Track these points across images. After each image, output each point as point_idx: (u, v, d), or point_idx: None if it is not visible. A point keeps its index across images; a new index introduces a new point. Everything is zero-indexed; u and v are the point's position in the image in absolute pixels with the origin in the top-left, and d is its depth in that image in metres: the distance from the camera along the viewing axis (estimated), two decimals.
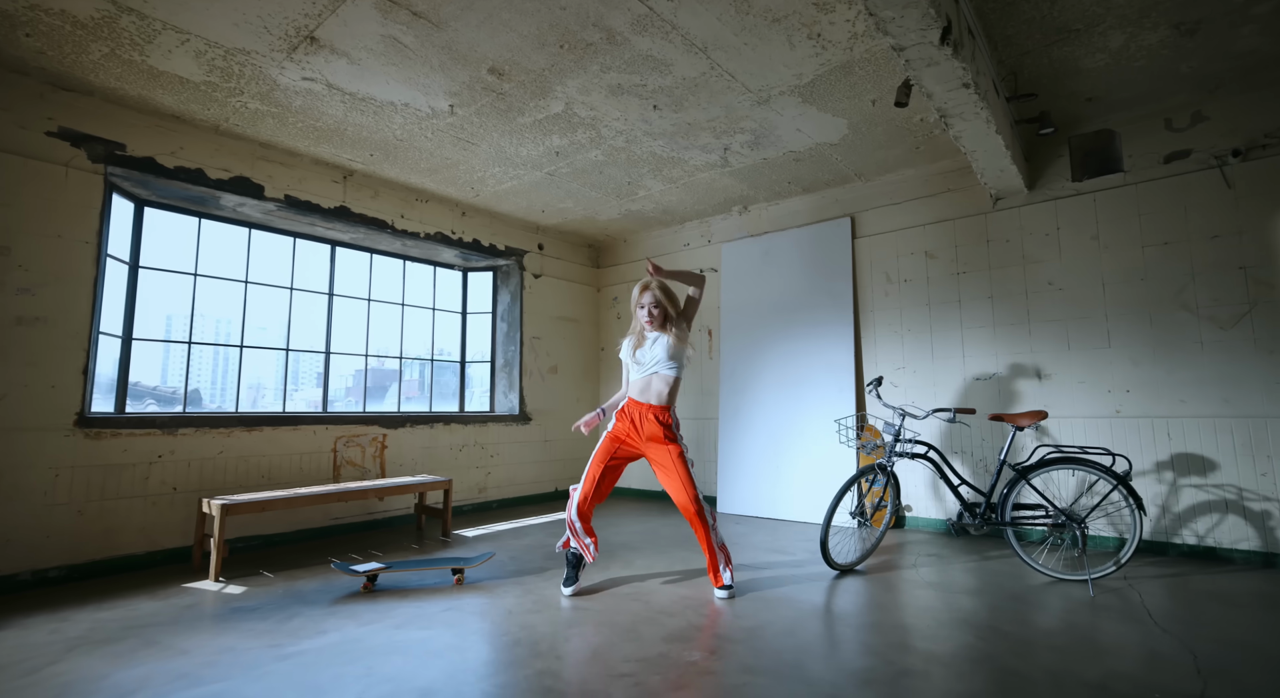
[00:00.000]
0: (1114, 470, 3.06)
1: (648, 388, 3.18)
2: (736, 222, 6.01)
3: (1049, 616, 2.73)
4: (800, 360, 5.35)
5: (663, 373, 3.17)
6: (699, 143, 4.47)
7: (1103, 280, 4.06)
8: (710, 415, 5.99)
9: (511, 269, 6.29)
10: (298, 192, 4.59)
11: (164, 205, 4.30)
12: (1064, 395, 4.14)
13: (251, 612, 2.86)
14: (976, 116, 3.24)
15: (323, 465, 4.60)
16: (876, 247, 5.12)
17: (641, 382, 3.20)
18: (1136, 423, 3.86)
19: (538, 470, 6.23)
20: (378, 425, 5.00)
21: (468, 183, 5.22)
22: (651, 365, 3.18)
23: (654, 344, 3.20)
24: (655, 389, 3.16)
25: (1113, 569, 3.09)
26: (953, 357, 4.65)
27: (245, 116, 3.97)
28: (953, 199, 4.76)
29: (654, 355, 3.17)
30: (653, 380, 3.17)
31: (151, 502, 3.72)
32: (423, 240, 5.46)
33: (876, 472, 3.45)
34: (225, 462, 4.06)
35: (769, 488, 5.33)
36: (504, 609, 2.88)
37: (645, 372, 3.19)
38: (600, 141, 4.44)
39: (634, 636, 2.53)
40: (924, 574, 3.40)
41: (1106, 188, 4.08)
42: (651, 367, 3.18)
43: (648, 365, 3.19)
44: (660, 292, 3.20)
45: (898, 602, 2.95)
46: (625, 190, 5.43)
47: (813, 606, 2.91)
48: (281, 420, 4.40)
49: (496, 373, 6.32)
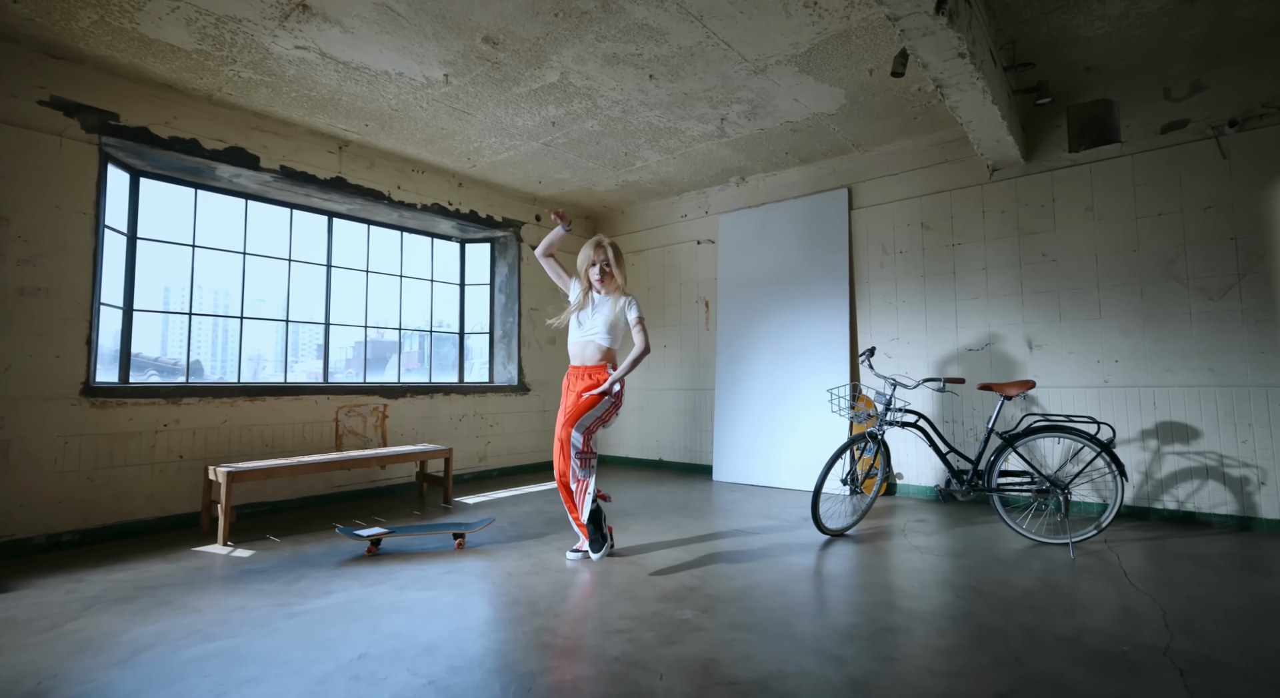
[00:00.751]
0: (1098, 438, 3.13)
1: (583, 352, 3.20)
2: (734, 193, 6.00)
3: (1029, 576, 2.83)
4: (796, 331, 5.40)
5: (599, 343, 3.18)
6: (695, 113, 4.45)
7: (1096, 252, 4.09)
8: (706, 386, 6.06)
9: (509, 241, 6.30)
10: (293, 162, 4.58)
11: (160, 176, 4.29)
12: (1054, 365, 4.20)
13: (260, 574, 2.97)
14: (972, 87, 3.23)
15: (325, 435, 4.68)
16: (873, 218, 5.13)
17: (578, 345, 3.22)
18: (1124, 392, 3.93)
19: (536, 440, 6.32)
20: (378, 396, 5.07)
21: (464, 153, 5.20)
22: (590, 332, 3.19)
23: (597, 311, 3.20)
24: (589, 354, 3.19)
25: (1094, 533, 3.19)
26: (947, 327, 4.70)
27: (238, 86, 3.95)
28: (949, 170, 4.76)
29: (595, 325, 3.18)
30: (587, 348, 3.19)
31: (159, 469, 3.81)
32: (419, 212, 5.46)
33: (867, 440, 3.53)
34: (229, 431, 4.14)
35: (763, 457, 5.44)
36: (504, 572, 2.99)
37: (584, 337, 3.20)
38: (596, 112, 4.41)
39: (629, 596, 2.63)
40: (912, 539, 3.51)
41: (1103, 159, 4.08)
42: (590, 333, 3.19)
43: (587, 330, 3.19)
44: (613, 251, 3.18)
45: (885, 564, 3.05)
46: (622, 161, 5.41)
47: (802, 568, 3.01)
48: (283, 391, 4.47)
49: (495, 344, 6.37)
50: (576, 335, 3.22)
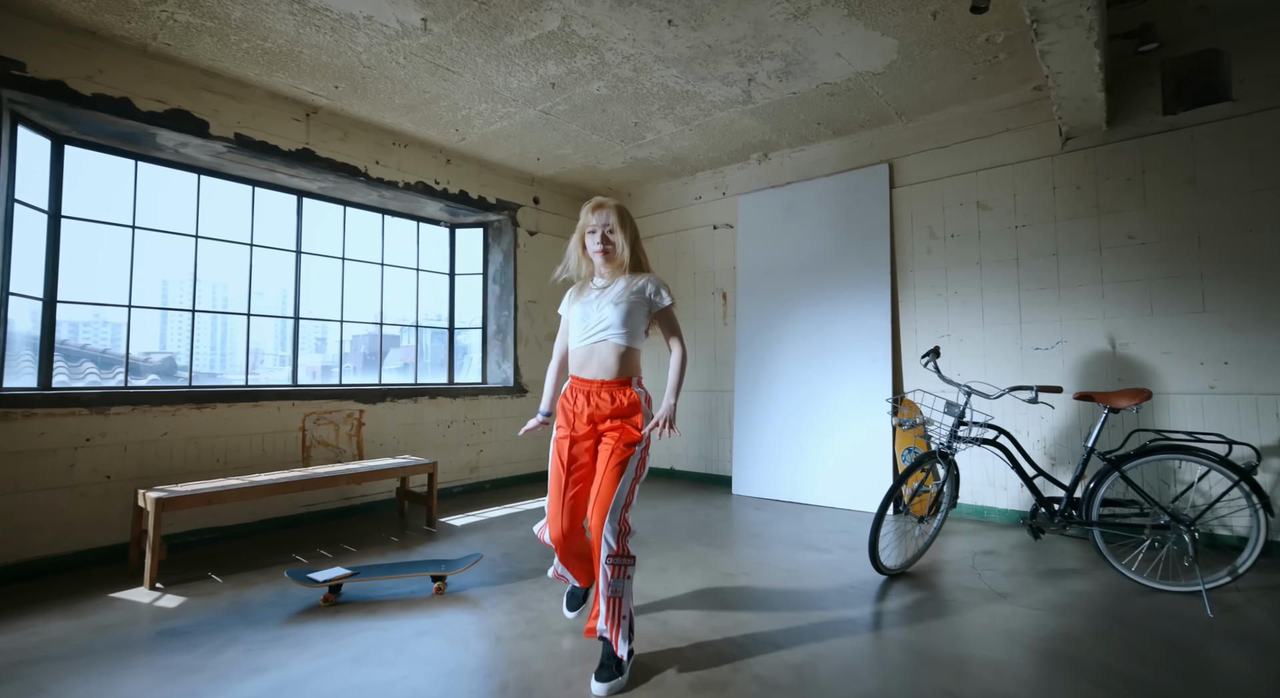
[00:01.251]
0: (1234, 462, 2.50)
1: (589, 360, 2.19)
2: (755, 171, 5.35)
3: (1171, 647, 2.20)
4: (828, 327, 4.76)
5: (614, 342, 2.17)
6: (719, 72, 3.79)
7: (1199, 233, 3.43)
8: (725, 387, 5.42)
9: (504, 225, 5.65)
10: (251, 130, 3.93)
11: (90, 144, 3.64)
12: (1143, 368, 3.56)
13: (181, 637, 2.33)
14: (1079, 21, 2.57)
15: (289, 446, 4.05)
16: (919, 197, 4.47)
17: (583, 352, 2.21)
18: (1236, 400, 3.29)
19: (535, 447, 5.69)
20: (353, 400, 4.43)
21: (450, 123, 4.54)
22: (599, 326, 2.18)
23: (602, 298, 2.21)
24: (602, 360, 2.17)
25: (1227, 580, 2.56)
26: (1008, 323, 4.05)
27: (176, 33, 3.29)
28: (1011, 140, 4.10)
29: (602, 317, 2.18)
30: (597, 350, 2.18)
31: (79, 493, 3.17)
32: (402, 191, 4.81)
33: (936, 460, 2.90)
34: (171, 445, 3.51)
35: (791, 469, 4.80)
36: (491, 634, 2.36)
37: (589, 337, 2.19)
38: (604, 70, 3.76)
39: (652, 677, 2.00)
40: (990, 582, 2.88)
41: (1208, 121, 3.42)
42: (599, 328, 2.18)
43: (592, 328, 2.19)
44: (617, 214, 2.22)
45: (972, 625, 2.42)
46: (631, 133, 4.75)
47: (867, 629, 2.38)
48: (239, 396, 3.83)
49: (489, 340, 5.73)
50: (579, 333, 2.22)
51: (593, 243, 2.23)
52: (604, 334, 2.17)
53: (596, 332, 2.18)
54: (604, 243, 2.22)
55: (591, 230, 2.23)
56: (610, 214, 2.22)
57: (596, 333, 2.18)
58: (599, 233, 2.22)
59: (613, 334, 2.17)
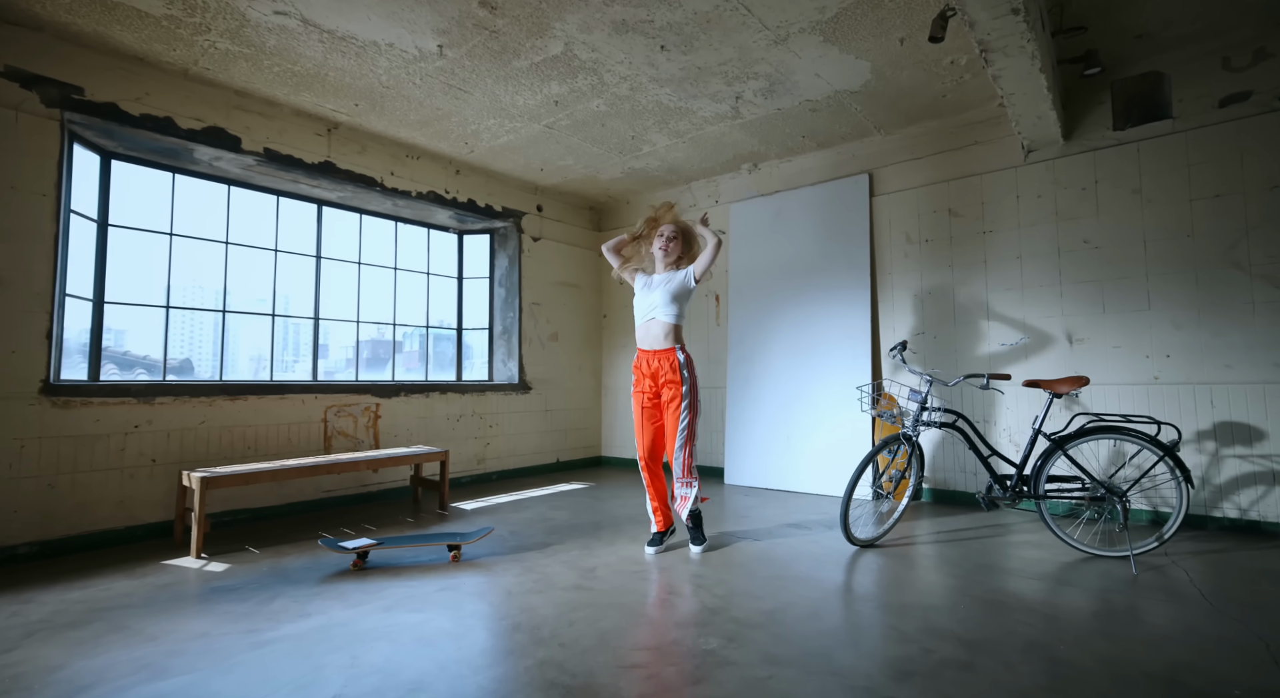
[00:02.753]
0: (1160, 441, 2.82)
1: (648, 333, 3.23)
2: (746, 180, 5.69)
3: (1093, 596, 2.52)
4: (813, 326, 5.09)
5: (661, 319, 3.19)
6: (709, 90, 4.14)
7: (1144, 237, 3.77)
8: (718, 384, 5.76)
9: (509, 232, 5.99)
10: (278, 144, 4.28)
11: (134, 159, 3.99)
12: (1097, 361, 3.89)
13: (232, 592, 2.66)
14: (1021, 51, 2.92)
15: (312, 436, 4.38)
16: (896, 205, 4.82)
17: (642, 327, 3.25)
18: (1176, 390, 3.62)
19: (539, 441, 6.02)
20: (370, 395, 4.77)
21: (461, 137, 4.89)
22: (650, 309, 3.22)
23: (655, 286, 3.24)
24: (654, 334, 3.20)
25: (1155, 545, 2.88)
26: (977, 321, 4.38)
27: (215, 59, 3.65)
28: (980, 152, 4.44)
29: (652, 300, 3.21)
30: (651, 326, 3.21)
31: (129, 474, 3.51)
32: (414, 200, 5.15)
33: (901, 442, 3.22)
34: (207, 432, 3.84)
35: (779, 459, 5.13)
36: (503, 589, 2.68)
37: (647, 313, 3.22)
38: (603, 89, 4.11)
39: (644, 619, 2.33)
40: (950, 550, 3.20)
41: (1152, 136, 3.77)
42: (650, 310, 3.22)
43: (647, 306, 3.23)
44: (678, 222, 3.32)
45: (925, 581, 2.74)
46: (629, 145, 5.10)
47: (834, 585, 2.71)
48: (267, 389, 4.17)
49: (495, 340, 6.07)
50: (641, 310, 3.27)
51: (658, 246, 3.29)
52: (654, 312, 3.21)
53: (651, 310, 3.22)
54: (665, 248, 3.28)
55: (660, 235, 3.29)
56: (673, 223, 3.34)
57: (650, 310, 3.22)
58: (665, 238, 3.28)
59: (661, 312, 3.19)
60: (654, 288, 3.23)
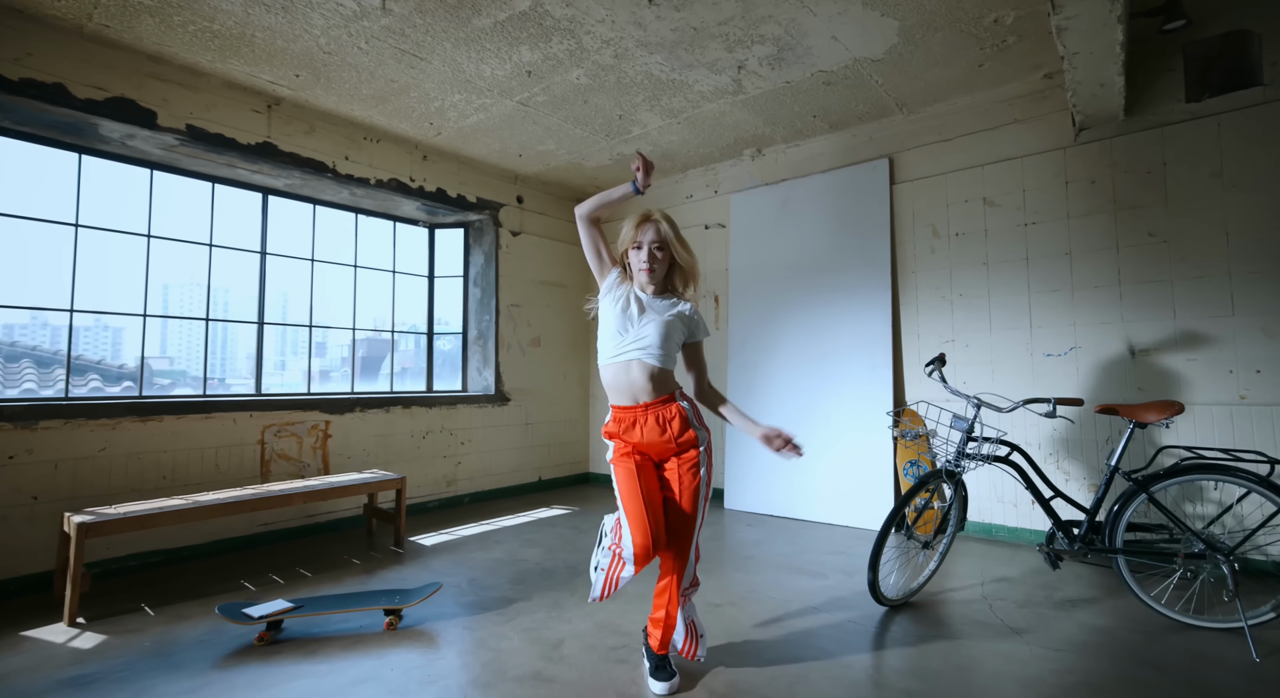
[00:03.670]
0: (1277, 484, 2.22)
1: (626, 376, 2.02)
2: (748, 168, 5.08)
3: (1206, 692, 1.92)
4: (825, 332, 4.48)
5: (647, 361, 2.01)
6: (706, 58, 3.53)
7: (1227, 230, 3.17)
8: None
9: (485, 225, 5.38)
10: (205, 121, 3.66)
11: (25, 135, 3.37)
12: (1166, 376, 3.29)
13: (86, 687, 2.05)
14: None
15: (246, 461, 3.77)
16: (921, 193, 4.21)
17: (615, 369, 2.04)
18: (1269, 412, 3.01)
19: (518, 458, 5.41)
20: (319, 411, 4.15)
21: (424, 116, 4.27)
22: (635, 343, 2.02)
23: (648, 314, 2.04)
24: (635, 382, 2.01)
25: (1271, 615, 2.28)
26: (1017, 327, 3.78)
27: (113, 13, 3.03)
28: (1020, 132, 3.84)
29: (643, 333, 2.01)
30: (630, 370, 2.02)
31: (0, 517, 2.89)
32: (375, 188, 4.54)
33: (943, 479, 2.62)
34: (109, 461, 3.23)
35: (786, 483, 4.52)
36: (439, 681, 2.07)
37: (622, 352, 2.03)
38: (582, 56, 3.49)
39: None
40: (1003, 614, 2.60)
41: (1237, 107, 3.16)
42: (634, 344, 2.02)
43: (630, 341, 2.02)
44: (669, 227, 2.06)
45: (984, 669, 2.14)
46: (616, 127, 4.49)
47: (866, 676, 2.10)
48: (189, 407, 3.55)
49: (469, 346, 5.45)
50: (612, 344, 2.05)
51: (638, 260, 2.07)
52: (638, 351, 2.02)
53: (633, 346, 2.02)
54: (649, 264, 2.05)
55: (638, 246, 2.07)
56: (660, 227, 2.06)
57: (632, 349, 2.02)
58: (646, 250, 2.05)
59: (649, 353, 2.02)
60: (647, 315, 2.05)
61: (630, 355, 2.02)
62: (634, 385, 2.02)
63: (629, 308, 2.05)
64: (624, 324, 2.04)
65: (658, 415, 2.02)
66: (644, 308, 2.06)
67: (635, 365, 2.02)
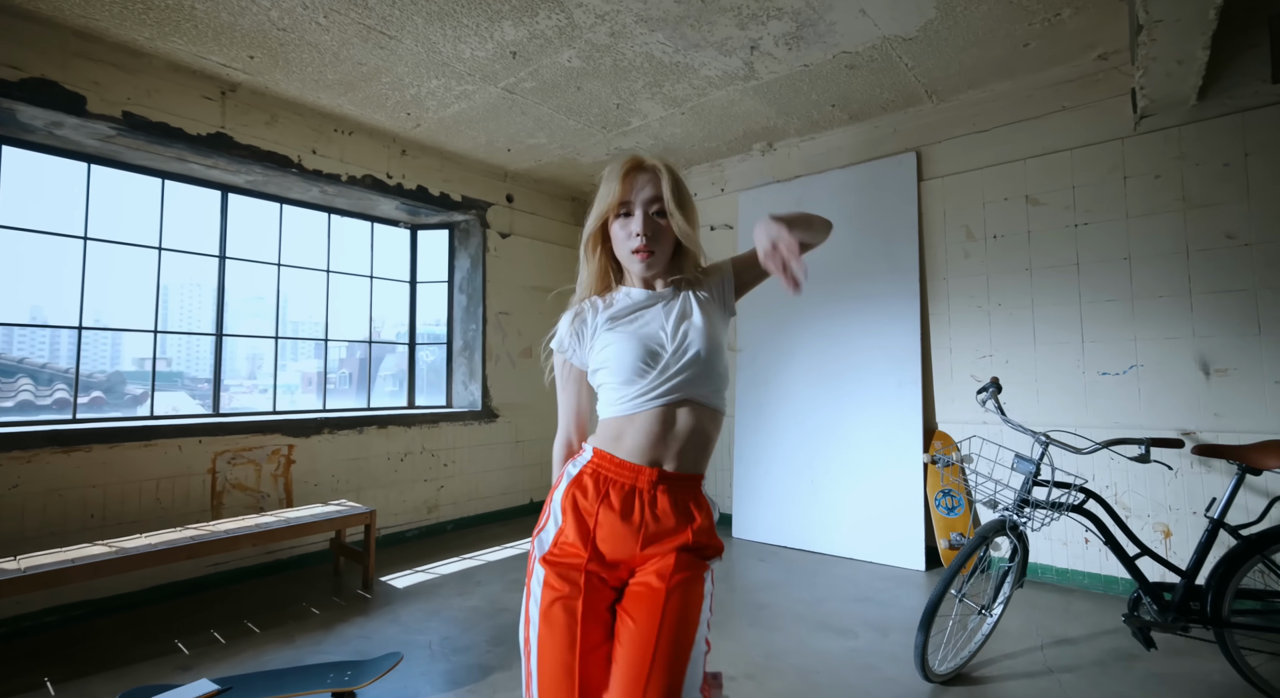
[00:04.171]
0: None
1: (653, 427, 1.21)
2: (758, 164, 4.64)
3: None
4: (845, 344, 4.04)
5: (700, 400, 1.23)
6: (715, 37, 3.09)
7: None
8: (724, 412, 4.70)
9: (472, 226, 4.94)
10: (145, 108, 3.22)
11: None
12: (1247, 400, 2.84)
13: None
14: None
15: (194, 493, 3.33)
16: (953, 191, 3.77)
17: (647, 418, 1.21)
18: None
19: (507, 479, 4.97)
20: (280, 433, 3.71)
21: (399, 104, 3.83)
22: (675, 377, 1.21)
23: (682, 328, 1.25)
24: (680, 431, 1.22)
25: None
26: (1067, 342, 3.34)
27: None
28: (1069, 121, 3.39)
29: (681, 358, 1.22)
30: (677, 417, 1.22)
31: None
32: (348, 185, 4.10)
33: (1004, 533, 2.18)
34: (23, 501, 2.78)
35: (802, 512, 4.07)
36: None
37: (656, 390, 1.20)
38: (573, 34, 3.05)
39: None
40: (1071, 689, 2.15)
41: None
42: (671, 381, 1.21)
43: (666, 377, 1.21)
44: (673, 181, 1.27)
45: None
46: (614, 117, 4.04)
47: None
48: (124, 434, 3.11)
49: (454, 358, 5.01)
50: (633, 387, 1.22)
51: (626, 234, 1.26)
52: (687, 389, 1.21)
53: (676, 380, 1.20)
54: (649, 236, 1.23)
55: (624, 212, 1.26)
56: (663, 180, 1.25)
57: (672, 382, 1.20)
58: (640, 217, 1.24)
59: (700, 388, 1.22)
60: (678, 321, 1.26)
61: (674, 396, 1.20)
62: (678, 437, 1.21)
63: (647, 325, 1.25)
64: (646, 351, 1.21)
65: (679, 497, 1.22)
66: (670, 314, 1.26)
67: (685, 412, 1.21)
